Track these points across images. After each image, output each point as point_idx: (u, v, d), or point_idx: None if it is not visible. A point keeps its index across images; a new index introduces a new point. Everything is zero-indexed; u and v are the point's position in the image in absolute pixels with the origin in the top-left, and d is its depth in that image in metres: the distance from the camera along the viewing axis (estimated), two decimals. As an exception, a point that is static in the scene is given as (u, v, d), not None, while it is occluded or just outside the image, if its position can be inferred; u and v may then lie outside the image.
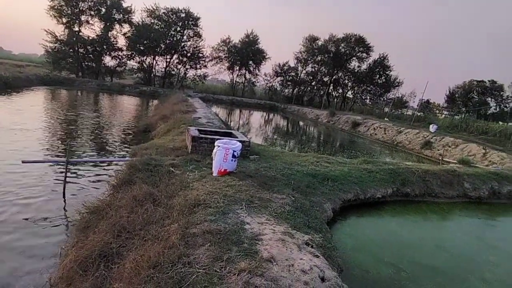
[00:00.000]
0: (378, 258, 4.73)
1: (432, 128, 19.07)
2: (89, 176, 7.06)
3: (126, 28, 36.51)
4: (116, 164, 7.82)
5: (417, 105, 36.26)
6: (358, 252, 4.85)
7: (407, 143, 18.47)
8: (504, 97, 45.88)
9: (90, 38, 34.80)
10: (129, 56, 37.37)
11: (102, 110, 18.42)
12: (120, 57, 37.20)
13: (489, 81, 45.80)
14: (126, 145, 10.29)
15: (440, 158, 13.51)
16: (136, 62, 38.15)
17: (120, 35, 36.52)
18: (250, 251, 3.14)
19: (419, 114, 31.67)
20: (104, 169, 7.72)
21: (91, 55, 36.09)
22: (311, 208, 5.04)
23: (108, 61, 37.51)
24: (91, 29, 35.27)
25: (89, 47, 35.31)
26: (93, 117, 14.91)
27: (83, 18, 34.16)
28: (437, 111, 45.35)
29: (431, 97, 63.08)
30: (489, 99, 46.47)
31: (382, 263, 4.57)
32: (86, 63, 36.40)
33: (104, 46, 35.72)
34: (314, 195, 5.66)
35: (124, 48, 36.64)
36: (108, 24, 35.28)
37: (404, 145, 18.51)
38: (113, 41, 36.25)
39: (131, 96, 29.95)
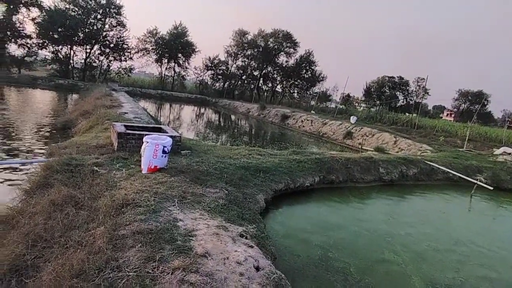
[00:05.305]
0: (307, 242, 5.06)
1: (353, 119, 20.84)
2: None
3: (35, 12, 32.13)
4: (29, 166, 6.96)
5: (340, 99, 39.28)
6: (289, 238, 5.12)
7: (331, 134, 19.90)
8: (409, 92, 52.31)
9: (-12, 22, 29.93)
10: (40, 44, 32.92)
11: (10, 106, 16.12)
12: (29, 45, 32.59)
13: (398, 77, 51.80)
14: (40, 145, 9.21)
15: (360, 146, 14.88)
16: (49, 52, 33.92)
17: (28, 20, 32.01)
18: (184, 248, 3.10)
19: (341, 107, 34.35)
20: (14, 172, 6.81)
21: (-10, 42, 31.08)
22: (245, 200, 5.14)
23: (14, 49, 32.56)
24: (-11, 11, 30.36)
25: (-12, 32, 30.34)
26: (-3, 114, 12.97)
27: (-23, -2, 29.20)
28: (357, 104, 49.79)
29: (352, 91, 68.83)
30: (398, 93, 52.55)
31: (311, 247, 4.90)
32: (-16, 51, 31.27)
33: (8, 32, 30.93)
34: (247, 187, 5.78)
35: (34, 35, 32.27)
36: (11, 6, 30.64)
37: (329, 136, 19.91)
38: (19, 26, 31.60)
39: (45, 90, 26.74)
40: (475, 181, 9.73)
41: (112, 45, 36.08)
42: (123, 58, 37.30)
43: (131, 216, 3.62)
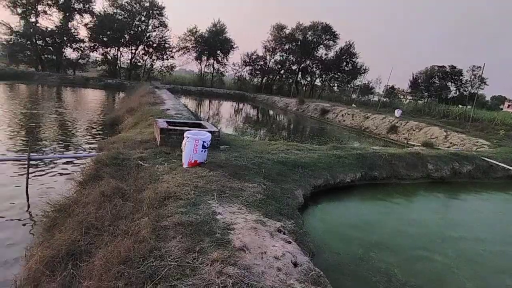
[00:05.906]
0: (348, 240, 4.91)
1: (397, 113, 19.84)
2: (54, 173, 6.74)
3: (87, 18, 34.87)
4: (82, 160, 7.51)
5: (383, 91, 37.57)
6: (329, 235, 5.01)
7: (374, 128, 19.12)
8: (463, 82, 48.52)
9: (49, 29, 32.89)
10: (91, 47, 35.71)
11: (66, 105, 17.52)
12: (82, 49, 35.49)
13: (449, 66, 48.21)
14: (92, 140, 9.90)
15: (405, 141, 14.14)
16: (99, 54, 36.67)
17: (81, 26, 34.89)
18: (223, 241, 3.15)
19: (384, 99, 32.84)
20: (70, 165, 7.39)
21: (50, 48, 34.10)
22: (283, 195, 5.11)
23: (70, 53, 35.79)
24: (50, 19, 33.33)
25: (48, 38, 33.30)
26: (57, 112, 14.17)
27: (39, 8, 32.05)
28: (402, 96, 47.31)
29: (396, 83, 65.65)
30: (450, 83, 48.99)
31: (351, 245, 4.74)
32: (46, 56, 34.39)
33: (65, 38, 33.85)
34: (285, 183, 5.74)
35: (86, 39, 35.00)
36: (67, 14, 33.39)
37: (371, 130, 19.16)
38: (74, 32, 34.46)
39: (96, 89, 28.71)
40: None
41: (155, 45, 37.81)
42: (165, 57, 39.00)
43: (173, 208, 3.76)
